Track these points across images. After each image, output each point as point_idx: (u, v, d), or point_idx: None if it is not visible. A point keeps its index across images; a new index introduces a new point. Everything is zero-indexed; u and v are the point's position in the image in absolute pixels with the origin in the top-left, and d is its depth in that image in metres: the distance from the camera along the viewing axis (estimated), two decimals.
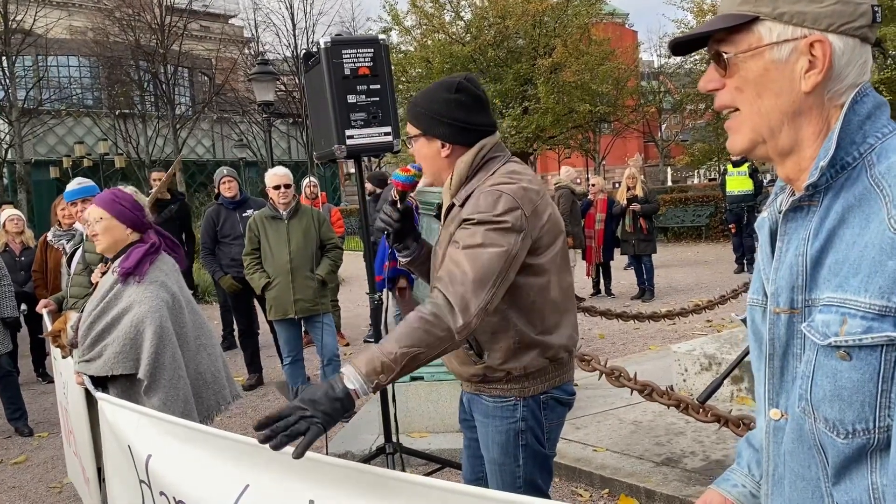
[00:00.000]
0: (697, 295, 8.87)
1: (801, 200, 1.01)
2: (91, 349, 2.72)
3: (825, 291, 0.95)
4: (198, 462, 1.75)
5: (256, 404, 5.85)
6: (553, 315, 2.00)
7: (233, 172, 6.72)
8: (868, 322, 0.89)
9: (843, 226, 0.95)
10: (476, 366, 1.99)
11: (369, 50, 3.14)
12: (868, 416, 0.91)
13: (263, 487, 1.54)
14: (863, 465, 0.95)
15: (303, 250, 5.03)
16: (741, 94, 1.03)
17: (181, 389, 2.67)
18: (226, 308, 7.56)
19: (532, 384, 2.01)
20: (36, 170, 27.94)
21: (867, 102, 0.99)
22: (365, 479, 1.38)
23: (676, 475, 3.52)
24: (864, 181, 0.95)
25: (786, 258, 1.03)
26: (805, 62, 0.97)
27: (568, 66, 22.05)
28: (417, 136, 2.05)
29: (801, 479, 1.03)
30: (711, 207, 16.31)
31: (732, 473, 1.28)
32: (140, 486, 2.00)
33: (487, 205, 1.84)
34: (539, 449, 2.06)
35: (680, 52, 1.12)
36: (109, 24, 29.31)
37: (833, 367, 0.93)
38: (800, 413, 1.00)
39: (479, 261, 1.77)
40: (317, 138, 3.46)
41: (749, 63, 1.01)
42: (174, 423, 1.92)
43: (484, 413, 2.07)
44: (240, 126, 31.21)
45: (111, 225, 2.78)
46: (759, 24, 0.99)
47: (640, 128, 32.26)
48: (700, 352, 4.62)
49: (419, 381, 4.45)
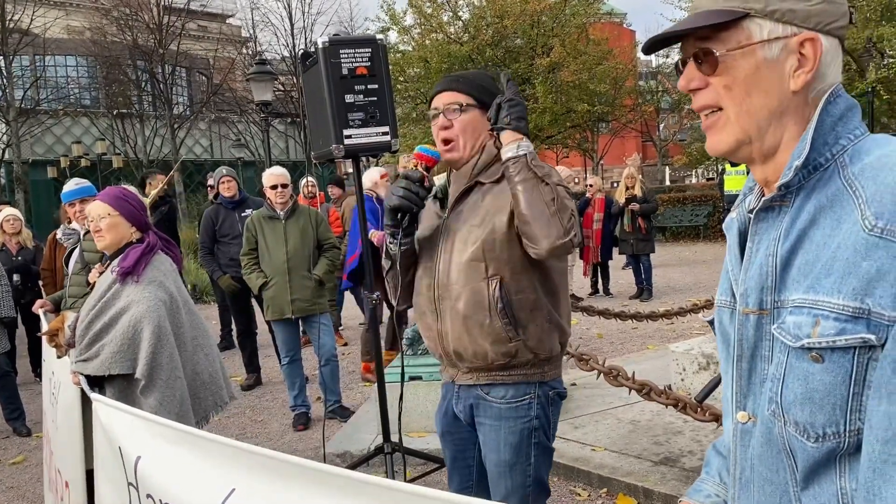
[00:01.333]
0: (695, 294, 8.87)
1: (772, 200, 1.00)
2: (88, 348, 2.72)
3: (795, 293, 0.94)
4: (186, 464, 1.74)
5: (255, 404, 5.85)
6: (566, 302, 2.12)
7: (232, 172, 6.72)
8: (841, 324, 0.88)
9: (815, 227, 0.94)
10: (511, 343, 1.99)
11: (367, 50, 3.13)
12: (839, 419, 0.90)
13: (250, 491, 1.53)
14: (832, 469, 0.94)
15: (300, 250, 5.03)
16: (729, 92, 1.00)
17: (178, 389, 2.66)
18: (224, 308, 7.55)
19: (550, 369, 2.09)
20: (33, 170, 27.91)
21: (840, 104, 0.98)
22: (357, 487, 1.37)
23: (674, 474, 3.52)
24: (836, 182, 0.94)
25: (756, 258, 1.02)
26: (794, 61, 0.97)
27: (566, 66, 22.06)
28: (470, 106, 2.06)
29: (769, 483, 1.02)
30: (709, 207, 16.33)
31: (703, 483, 1.25)
32: (128, 489, 2.00)
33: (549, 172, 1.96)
34: (548, 444, 2.11)
35: (651, 51, 1.10)
36: (107, 24, 29.26)
37: (805, 369, 0.92)
38: (769, 416, 0.99)
39: (571, 204, 1.92)
40: (315, 138, 3.46)
41: (740, 61, 0.99)
42: (166, 425, 1.91)
43: (495, 416, 2.06)
44: (238, 126, 31.18)
45: (117, 222, 2.78)
46: (749, 20, 0.97)
47: (639, 127, 32.29)
48: (698, 351, 4.63)
49: (417, 380, 4.45)
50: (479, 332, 2.00)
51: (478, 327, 2.00)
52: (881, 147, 0.94)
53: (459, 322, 2.02)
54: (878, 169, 0.91)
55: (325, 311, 5.17)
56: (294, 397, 5.15)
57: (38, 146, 29.01)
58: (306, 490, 1.41)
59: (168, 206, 7.62)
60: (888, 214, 0.86)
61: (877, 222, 0.87)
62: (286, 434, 5.03)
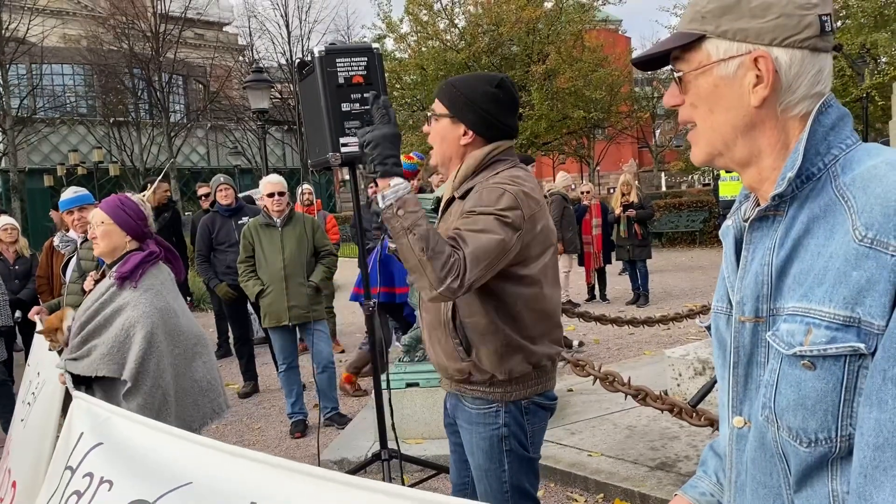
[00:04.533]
0: (692, 300, 8.90)
1: (766, 210, 1.02)
2: (79, 348, 2.74)
3: (790, 301, 0.96)
4: (147, 454, 1.75)
5: (252, 412, 5.85)
6: (539, 324, 2.03)
7: (229, 180, 6.73)
8: (832, 332, 0.90)
9: (808, 236, 0.96)
10: (463, 362, 2.00)
11: (363, 58, 3.16)
12: (831, 425, 0.92)
13: (205, 489, 1.54)
14: (824, 473, 0.96)
15: (297, 257, 5.04)
16: (696, 110, 1.06)
17: (157, 399, 2.67)
18: (220, 316, 7.56)
19: (515, 389, 2.03)
20: (30, 178, 27.93)
21: (831, 113, 1.00)
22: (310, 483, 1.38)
23: (671, 479, 3.53)
24: (828, 192, 0.96)
25: (751, 267, 1.03)
26: (752, 77, 0.99)
27: (562, 73, 22.14)
28: (443, 116, 2.05)
29: (762, 486, 1.04)
30: (705, 213, 16.36)
31: (700, 481, 1.27)
32: (62, 473, 1.97)
33: (490, 199, 1.88)
34: (523, 453, 2.07)
35: (644, 69, 1.16)
36: (104, 33, 29.35)
37: (797, 376, 0.94)
38: (763, 421, 1.01)
39: (478, 241, 1.82)
40: (311, 146, 3.48)
41: (700, 80, 1.03)
42: (145, 423, 1.91)
43: (467, 420, 2.09)
44: (234, 133, 31.24)
45: (111, 230, 2.80)
46: (706, 41, 1.02)
47: (635, 133, 32.44)
48: (694, 356, 4.64)
49: (415, 387, 4.46)
50: (439, 347, 2.06)
51: (438, 343, 2.07)
52: (872, 157, 0.95)
53: (427, 334, 2.13)
54: (868, 180, 0.92)
55: (322, 318, 5.18)
56: (291, 404, 5.15)
57: (34, 155, 29.03)
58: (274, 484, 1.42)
59: (171, 213, 7.65)
60: (877, 225, 0.88)
61: (867, 233, 0.88)
62: (283, 441, 5.03)
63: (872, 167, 0.93)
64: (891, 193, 0.88)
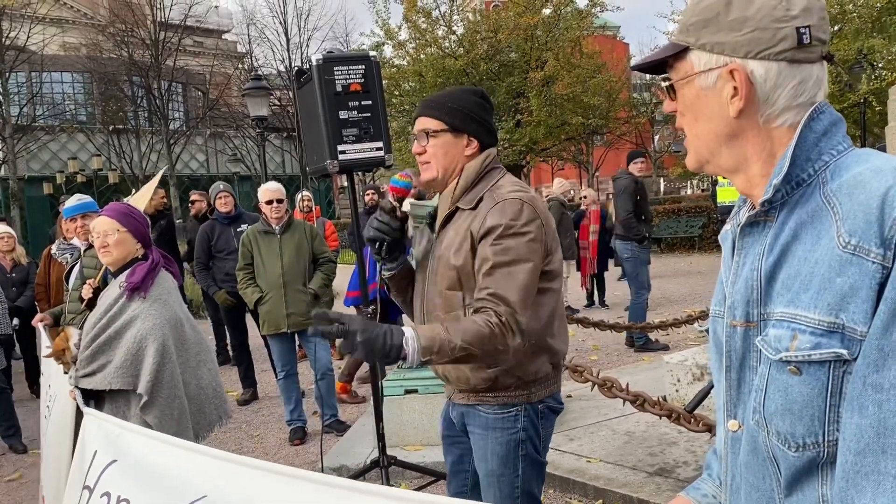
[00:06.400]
0: (690, 305, 8.90)
1: (757, 216, 1.03)
2: (91, 362, 2.74)
3: (778, 306, 0.97)
4: (162, 470, 1.76)
5: (251, 419, 5.84)
6: (557, 320, 2.08)
7: (228, 188, 6.75)
8: (817, 338, 0.91)
9: (796, 242, 0.97)
10: (490, 370, 1.99)
11: (360, 67, 3.18)
12: (818, 429, 0.94)
13: (220, 502, 1.55)
14: (814, 477, 0.97)
15: (295, 264, 5.05)
16: (683, 118, 1.10)
17: (176, 409, 2.68)
18: (218, 323, 7.56)
19: (538, 390, 2.06)
20: (29, 186, 27.93)
21: (823, 120, 1.00)
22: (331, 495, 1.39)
23: (670, 485, 3.53)
24: (816, 198, 0.97)
25: (742, 272, 1.05)
26: (730, 88, 1.01)
27: (560, 79, 22.16)
28: (441, 131, 2.04)
29: (755, 489, 1.05)
30: (704, 218, 16.39)
31: (703, 483, 1.28)
32: (81, 493, 1.99)
33: (514, 213, 1.91)
34: (537, 457, 2.10)
35: (645, 73, 1.19)
36: (103, 40, 29.40)
37: (784, 381, 0.95)
38: (754, 425, 1.02)
39: (515, 282, 1.87)
40: (310, 153, 3.50)
41: (685, 89, 1.07)
42: (158, 438, 1.92)
43: (483, 425, 2.08)
44: (234, 141, 31.25)
45: (125, 238, 2.80)
46: (690, 53, 1.05)
47: (633, 139, 32.41)
48: (692, 362, 4.65)
49: (413, 394, 4.46)
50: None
51: None
52: (861, 163, 0.96)
53: None
54: (853, 186, 0.93)
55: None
56: (290, 412, 5.15)
57: (33, 162, 29.04)
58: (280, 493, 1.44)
59: (166, 221, 7.65)
60: (860, 232, 0.89)
61: (850, 239, 0.89)
62: (283, 448, 5.03)
63: (858, 174, 0.94)
64: (873, 200, 0.89)
